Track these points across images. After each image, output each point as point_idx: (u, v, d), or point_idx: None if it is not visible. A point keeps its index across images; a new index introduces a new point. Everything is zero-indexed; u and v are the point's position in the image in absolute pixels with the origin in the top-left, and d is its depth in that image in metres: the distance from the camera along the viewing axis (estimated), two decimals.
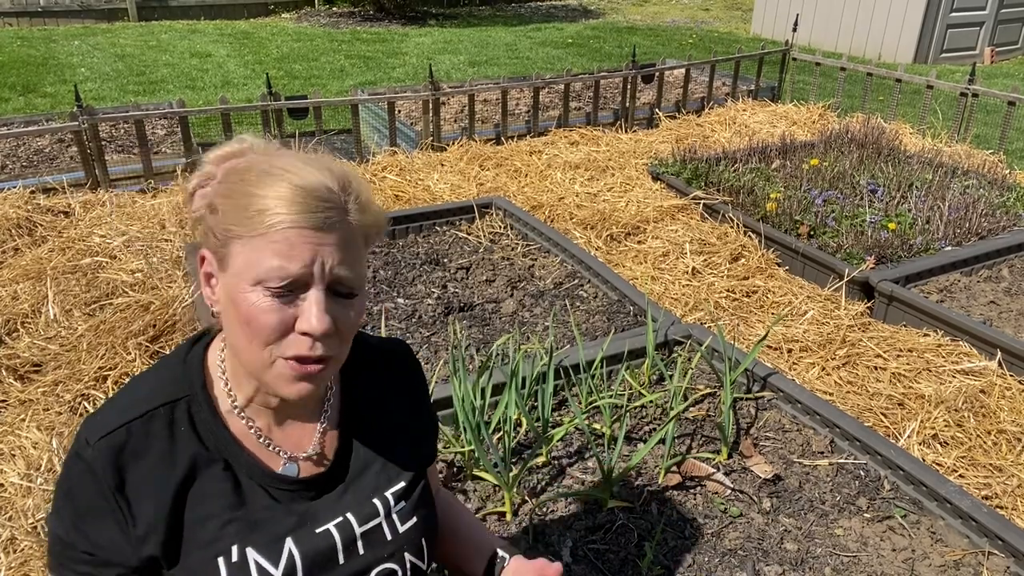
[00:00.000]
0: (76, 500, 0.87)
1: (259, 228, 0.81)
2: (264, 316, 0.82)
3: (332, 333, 0.84)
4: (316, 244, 0.81)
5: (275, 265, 0.80)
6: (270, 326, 0.82)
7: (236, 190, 0.83)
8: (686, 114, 5.71)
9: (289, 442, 0.96)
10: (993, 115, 6.59)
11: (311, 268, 0.81)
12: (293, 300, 0.83)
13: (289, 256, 0.80)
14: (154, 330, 2.67)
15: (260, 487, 0.93)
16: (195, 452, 0.90)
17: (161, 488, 0.88)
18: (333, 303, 0.85)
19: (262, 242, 0.81)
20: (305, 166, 0.84)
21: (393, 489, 1.01)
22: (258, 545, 0.90)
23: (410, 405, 1.09)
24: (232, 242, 0.83)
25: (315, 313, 0.82)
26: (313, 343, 0.83)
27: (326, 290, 0.84)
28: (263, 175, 0.83)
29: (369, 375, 1.06)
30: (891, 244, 3.33)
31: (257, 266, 0.81)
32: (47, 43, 8.95)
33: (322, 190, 0.82)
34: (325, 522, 0.95)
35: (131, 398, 0.92)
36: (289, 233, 0.80)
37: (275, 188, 0.81)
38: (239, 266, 0.83)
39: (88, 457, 0.86)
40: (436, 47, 9.48)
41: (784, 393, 2.24)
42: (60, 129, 4.02)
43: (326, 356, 0.85)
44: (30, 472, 2.09)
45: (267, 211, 0.80)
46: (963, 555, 1.73)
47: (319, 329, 0.82)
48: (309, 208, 0.81)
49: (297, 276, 0.81)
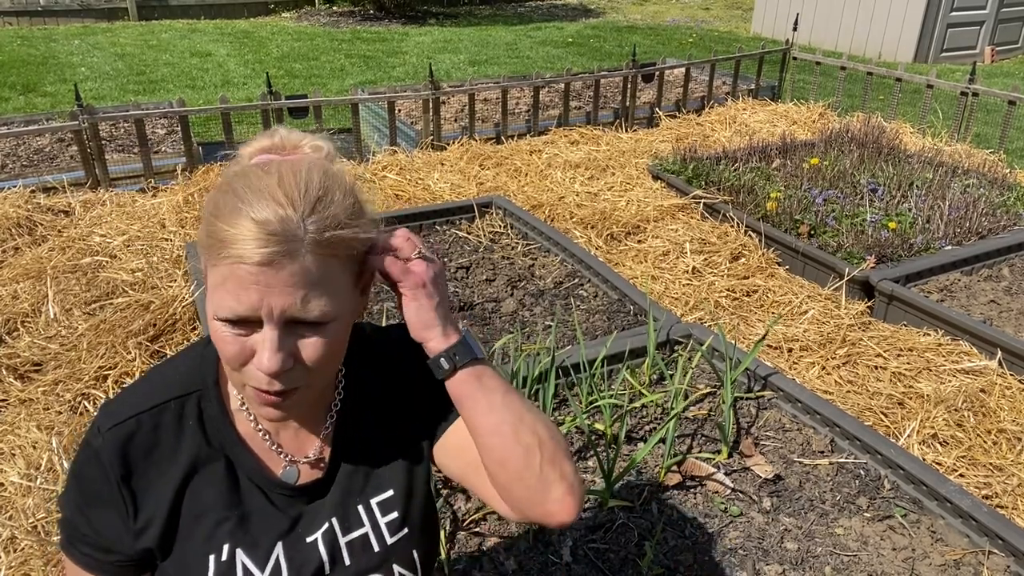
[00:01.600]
0: (83, 485, 0.89)
1: (214, 257, 0.79)
2: (225, 346, 0.81)
3: (291, 367, 0.82)
4: (264, 284, 0.77)
5: (226, 303, 0.79)
6: (230, 355, 0.81)
7: (214, 211, 0.80)
8: (686, 113, 5.71)
9: (293, 445, 0.96)
10: (993, 114, 6.59)
11: (257, 311, 0.78)
12: (250, 333, 0.81)
13: (236, 296, 0.78)
14: (154, 329, 2.67)
15: (258, 488, 0.93)
16: (199, 447, 0.90)
17: (164, 481, 0.89)
18: (294, 337, 0.81)
19: (219, 274, 0.79)
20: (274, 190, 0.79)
21: (379, 498, 0.97)
22: (248, 547, 0.90)
23: (408, 393, 1.01)
24: (207, 266, 0.82)
25: (266, 355, 0.79)
26: (270, 380, 0.81)
27: (283, 325, 0.80)
28: (230, 198, 0.79)
29: (371, 374, 1.01)
30: (891, 243, 3.33)
31: (214, 298, 0.80)
32: (47, 42, 8.95)
33: (277, 223, 0.77)
34: (315, 530, 0.94)
35: (146, 389, 0.93)
36: (236, 269, 0.77)
37: (231, 220, 0.77)
38: (209, 291, 0.82)
39: (97, 445, 0.88)
40: (436, 46, 9.48)
41: (784, 392, 2.24)
42: (60, 128, 4.01)
43: (288, 389, 0.83)
44: (30, 471, 2.09)
45: (221, 242, 0.77)
46: (963, 554, 1.73)
47: (269, 368, 0.80)
48: (263, 244, 0.76)
49: (245, 316, 0.79)
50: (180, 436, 0.90)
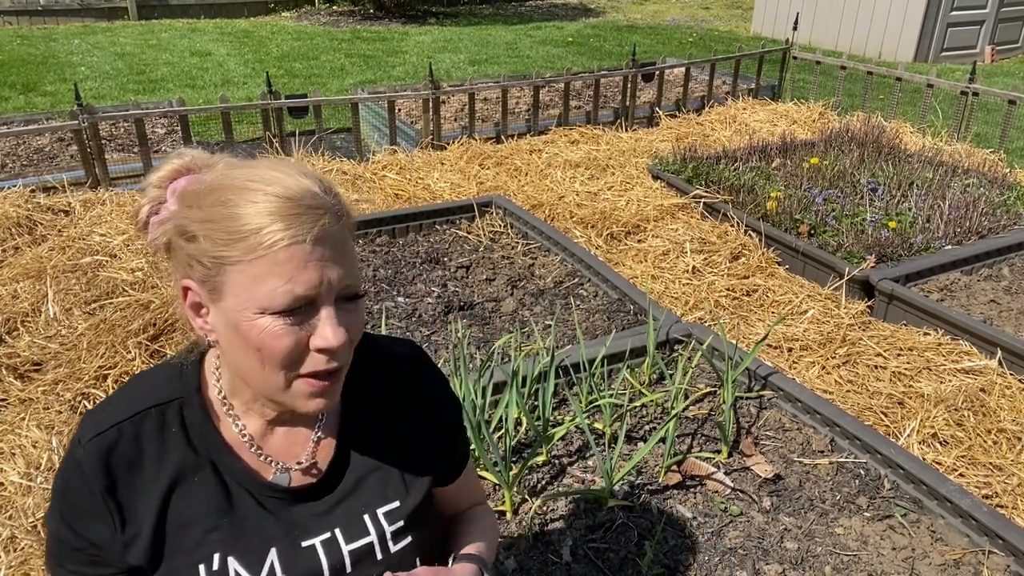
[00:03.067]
0: (68, 499, 0.87)
1: (257, 250, 0.76)
2: (278, 341, 0.79)
3: (347, 343, 0.83)
4: (319, 260, 0.77)
5: (281, 289, 0.76)
6: (285, 350, 0.79)
7: (218, 213, 0.78)
8: (686, 113, 5.70)
9: (282, 451, 0.94)
10: (993, 114, 6.58)
11: (319, 287, 0.78)
12: (304, 319, 0.80)
13: (294, 278, 0.76)
14: (154, 329, 2.67)
15: (248, 494, 0.91)
16: (183, 455, 0.89)
17: (149, 491, 0.87)
18: (342, 313, 0.83)
19: (262, 265, 0.76)
20: (283, 174, 0.79)
21: (387, 508, 0.96)
22: (240, 554, 0.89)
23: (420, 417, 1.03)
24: (226, 269, 0.78)
25: (331, 330, 0.80)
26: (329, 358, 0.82)
27: (336, 302, 0.81)
28: (242, 191, 0.77)
29: (373, 384, 1.01)
30: (891, 243, 3.33)
31: (261, 292, 0.77)
32: (47, 42, 8.95)
33: (309, 196, 0.78)
34: (312, 536, 0.92)
35: (125, 398, 0.91)
36: (292, 251, 0.76)
37: (263, 204, 0.76)
38: (239, 293, 0.78)
39: (79, 457, 0.86)
40: (436, 46, 9.47)
41: (784, 392, 2.24)
42: (60, 128, 4.01)
43: (343, 366, 0.85)
44: (30, 471, 2.09)
45: (262, 231, 0.76)
46: (963, 554, 1.73)
47: (336, 344, 0.80)
48: (305, 219, 0.76)
49: (306, 296, 0.78)
50: (163, 444, 0.88)
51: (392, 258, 3.26)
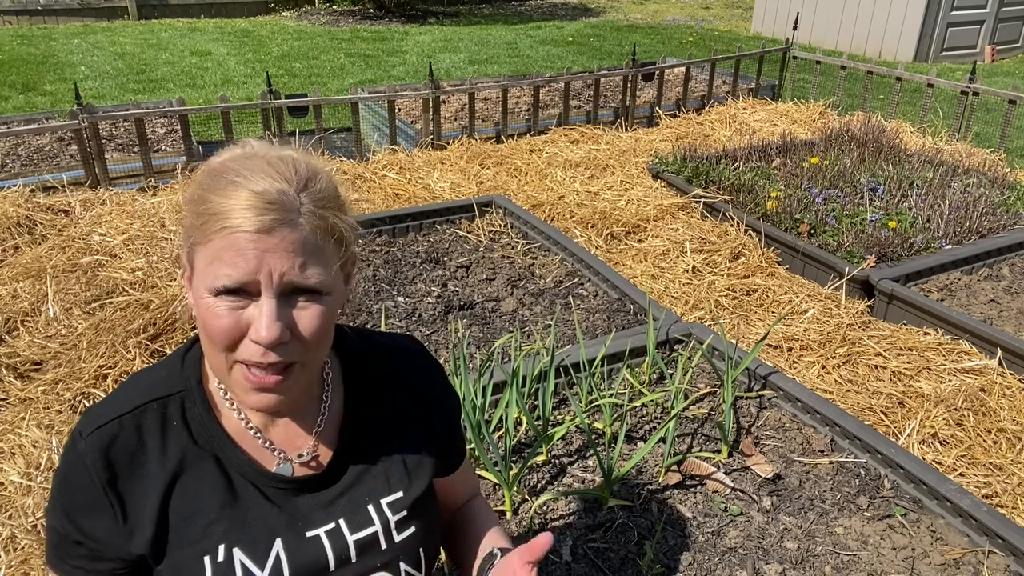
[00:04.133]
0: (70, 492, 0.87)
1: (208, 233, 0.80)
2: (217, 321, 0.81)
3: (287, 340, 0.82)
4: (262, 249, 0.79)
5: (222, 272, 0.79)
6: (222, 331, 0.81)
7: (196, 196, 0.83)
8: (686, 112, 5.70)
9: (284, 442, 0.95)
10: (994, 113, 6.58)
11: (257, 275, 0.80)
12: (246, 305, 0.81)
13: (234, 263, 0.79)
14: (154, 328, 2.67)
15: (252, 485, 0.92)
16: (185, 447, 0.89)
17: (151, 483, 0.88)
18: (290, 308, 0.83)
19: (212, 248, 0.80)
20: (263, 169, 0.82)
21: (390, 498, 0.98)
22: (245, 545, 0.89)
23: (420, 409, 1.05)
24: (195, 248, 0.83)
25: (264, 322, 0.80)
26: (265, 351, 0.82)
27: (280, 296, 0.81)
28: (219, 180, 0.81)
29: (374, 377, 1.02)
30: (891, 243, 3.33)
31: (210, 272, 0.80)
32: (47, 41, 8.94)
33: (274, 193, 0.80)
34: (316, 526, 0.93)
35: (127, 393, 0.92)
36: (235, 238, 0.79)
37: (226, 193, 0.80)
38: (200, 272, 0.82)
39: (80, 450, 0.86)
40: (436, 45, 9.47)
41: (784, 392, 2.24)
42: (60, 127, 4.01)
43: (285, 363, 0.83)
44: (30, 471, 2.09)
45: (215, 215, 0.79)
46: (963, 554, 1.73)
47: (267, 338, 0.80)
48: (255, 212, 0.79)
49: (244, 282, 0.80)
50: (165, 437, 0.89)
51: (392, 258, 3.26)
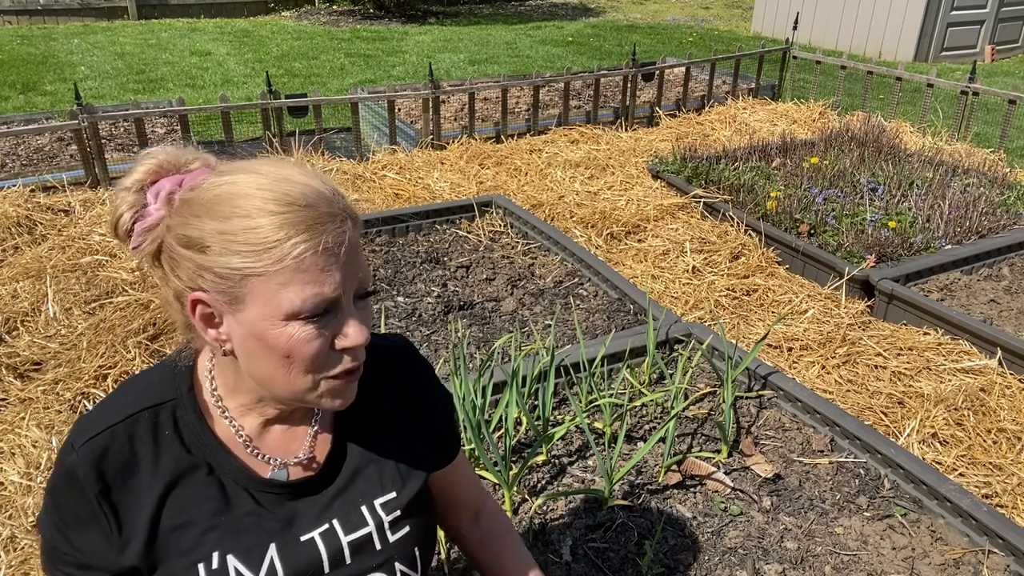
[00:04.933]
0: (60, 504, 0.87)
1: (285, 260, 0.77)
2: (307, 346, 0.81)
3: (368, 340, 0.86)
4: (341, 262, 0.80)
5: (309, 294, 0.79)
6: (314, 354, 0.82)
7: (235, 224, 0.77)
8: (686, 112, 5.70)
9: (279, 448, 0.94)
10: (994, 113, 6.58)
11: (342, 288, 0.81)
12: (329, 322, 0.83)
13: (320, 282, 0.79)
14: (154, 328, 2.67)
15: (245, 492, 0.91)
16: (178, 456, 0.89)
17: (144, 493, 0.87)
18: (360, 311, 0.86)
19: (287, 273, 0.78)
20: (291, 179, 0.80)
21: (383, 499, 0.98)
22: (239, 552, 0.89)
23: (413, 407, 1.05)
24: (248, 280, 0.78)
25: (355, 329, 0.83)
26: (354, 357, 0.85)
27: (354, 301, 0.85)
28: (255, 200, 0.78)
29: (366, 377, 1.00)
30: (891, 243, 3.33)
31: (288, 298, 0.78)
32: (47, 41, 8.94)
33: (324, 203, 0.79)
34: (310, 529, 0.93)
35: (118, 402, 0.91)
36: (318, 259, 0.78)
37: (279, 212, 0.77)
38: (264, 303, 0.79)
39: (71, 462, 0.85)
40: (436, 45, 9.47)
41: (784, 392, 2.24)
42: (60, 127, 4.01)
43: (361, 363, 0.87)
44: (30, 471, 2.09)
45: (286, 241, 0.77)
46: (963, 554, 1.73)
47: (362, 341, 0.84)
48: (325, 229, 0.78)
49: (333, 299, 0.81)
50: (157, 446, 0.88)
51: (392, 258, 3.26)
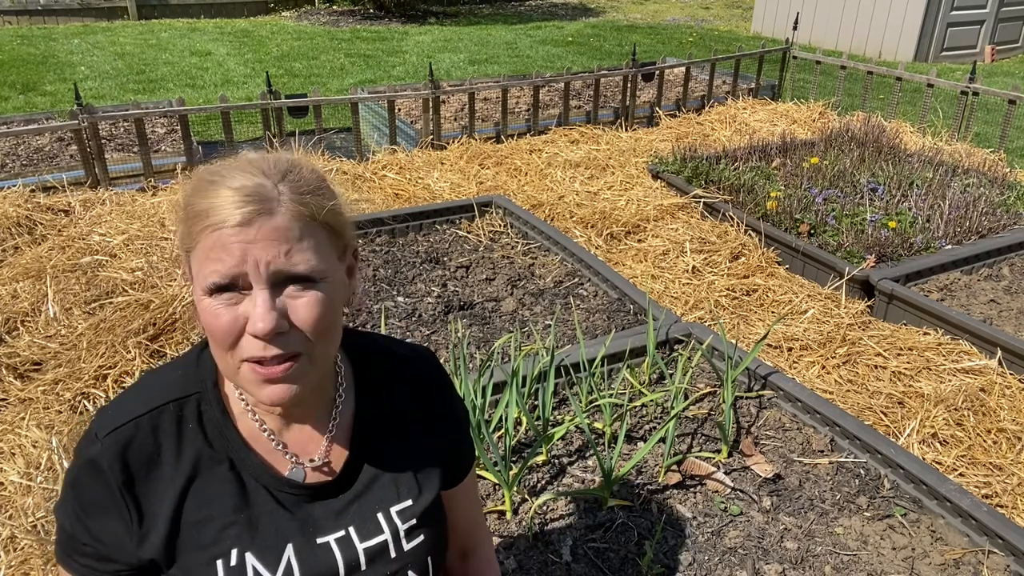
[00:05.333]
0: (81, 493, 0.87)
1: (195, 235, 0.81)
2: (215, 321, 0.81)
3: (285, 330, 0.82)
4: (245, 242, 0.79)
5: (211, 269, 0.80)
6: (222, 329, 0.81)
7: (182, 202, 0.84)
8: (686, 112, 5.70)
9: (297, 448, 0.95)
10: (994, 113, 6.58)
11: (243, 267, 0.79)
12: (240, 300, 0.81)
13: (220, 258, 0.79)
14: (154, 328, 2.67)
15: (265, 490, 0.92)
16: (200, 450, 0.89)
17: (166, 486, 0.87)
18: (286, 297, 0.82)
19: (201, 249, 0.81)
20: (242, 167, 0.83)
21: (399, 507, 0.98)
22: (258, 550, 0.89)
23: (430, 420, 1.05)
24: (189, 254, 0.84)
25: (258, 312, 0.80)
26: (265, 344, 0.81)
27: (272, 286, 0.81)
28: (204, 184, 0.83)
29: (386, 385, 1.02)
30: (891, 243, 3.33)
31: (201, 272, 0.81)
32: (47, 41, 8.94)
33: (248, 186, 0.81)
34: (327, 533, 0.93)
35: (142, 393, 0.91)
36: (219, 235, 0.79)
37: (207, 193, 0.81)
38: (195, 275, 0.83)
39: (95, 452, 0.86)
40: (436, 45, 9.47)
41: (784, 392, 2.24)
42: (60, 127, 4.01)
43: (288, 354, 0.82)
44: (30, 471, 2.09)
45: (198, 216, 0.81)
46: (963, 554, 1.73)
47: (263, 329, 0.79)
48: (234, 206, 0.79)
49: (232, 276, 0.80)
50: (181, 439, 0.89)
51: (392, 258, 3.26)
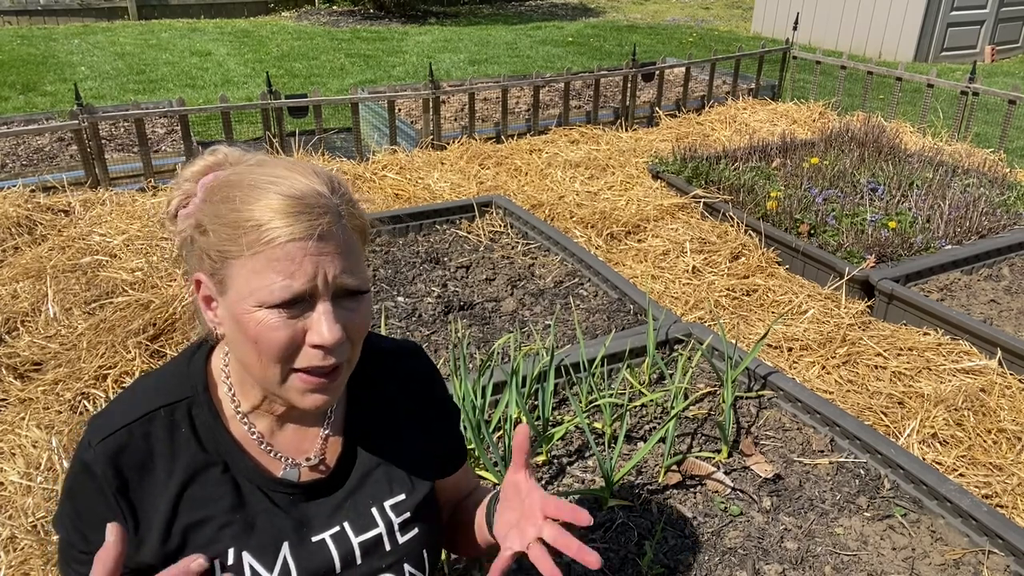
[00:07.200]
0: (76, 501, 0.88)
1: (256, 246, 0.78)
2: (273, 334, 0.80)
3: (343, 340, 0.83)
4: (317, 255, 0.79)
5: (279, 284, 0.78)
6: (281, 344, 0.81)
7: (226, 208, 0.80)
8: (686, 112, 5.70)
9: (291, 447, 0.95)
10: (994, 113, 6.58)
11: (315, 281, 0.79)
12: (300, 313, 0.81)
13: (291, 272, 0.78)
14: (154, 329, 2.67)
15: (259, 490, 0.92)
16: (193, 454, 0.90)
17: (160, 491, 0.88)
18: (341, 310, 0.83)
19: (261, 260, 0.78)
20: (291, 173, 0.81)
21: (393, 500, 0.99)
22: (254, 549, 0.90)
23: (422, 415, 1.06)
24: (229, 263, 0.81)
25: (326, 326, 0.80)
26: (325, 354, 0.82)
27: (333, 299, 0.82)
28: (251, 189, 0.80)
29: (377, 381, 1.03)
30: (891, 243, 3.33)
31: (260, 286, 0.79)
32: (47, 42, 8.94)
33: (313, 196, 0.80)
34: (322, 530, 0.94)
35: (134, 399, 0.91)
36: (289, 248, 0.78)
37: (266, 201, 0.78)
38: (240, 287, 0.80)
39: (89, 459, 0.86)
40: (436, 45, 9.47)
41: (784, 392, 2.24)
42: (60, 128, 4.01)
43: (339, 363, 0.84)
44: (30, 471, 2.09)
45: (262, 227, 0.78)
46: (963, 554, 1.73)
47: (331, 341, 0.80)
48: (305, 218, 0.78)
49: (302, 291, 0.79)
50: (173, 444, 0.89)
51: (392, 258, 3.26)
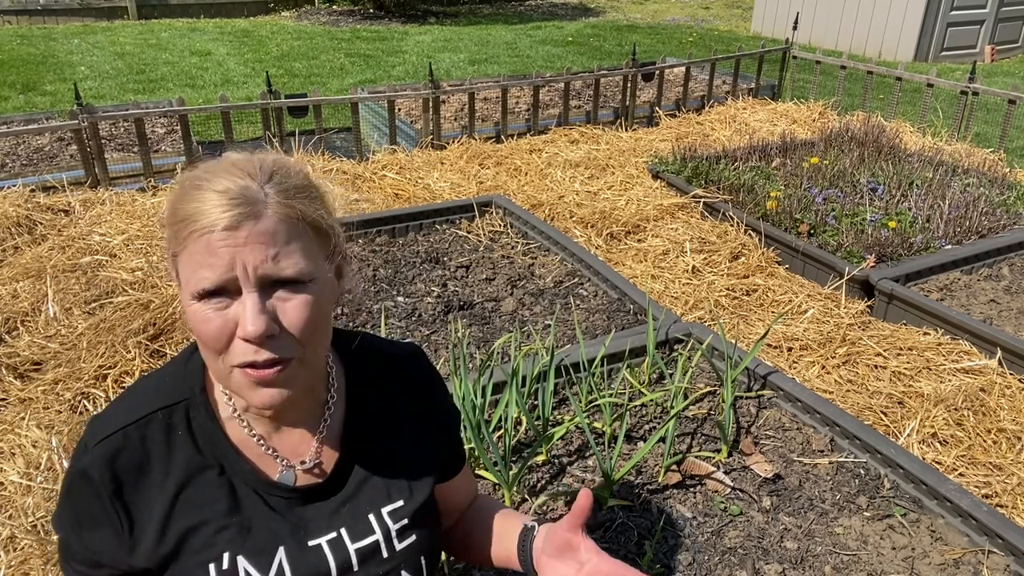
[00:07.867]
0: (74, 504, 0.88)
1: (182, 240, 0.80)
2: (204, 326, 0.80)
3: (276, 333, 0.81)
4: (232, 245, 0.78)
5: (200, 275, 0.79)
6: (212, 335, 0.80)
7: (172, 207, 0.83)
8: (686, 112, 5.70)
9: (287, 451, 0.95)
10: (993, 113, 6.58)
11: (234, 272, 0.79)
12: (228, 304, 0.80)
13: (208, 264, 0.78)
14: (154, 328, 2.67)
15: (256, 494, 0.92)
16: (190, 457, 0.89)
17: (156, 494, 0.88)
18: (275, 300, 0.81)
19: (188, 254, 0.80)
20: (226, 170, 0.82)
21: (391, 507, 0.98)
22: (249, 553, 0.90)
23: (422, 419, 1.05)
24: (178, 259, 0.83)
25: (248, 317, 0.79)
26: (257, 348, 0.80)
27: (260, 290, 0.80)
28: (192, 188, 0.81)
29: (377, 384, 1.02)
30: (891, 243, 3.33)
31: (188, 277, 0.80)
32: (47, 41, 8.94)
33: (237, 189, 0.80)
34: (318, 535, 0.93)
35: (131, 401, 0.91)
36: (206, 239, 0.78)
37: (192, 198, 0.80)
38: (184, 281, 0.82)
39: (86, 462, 0.87)
40: (436, 45, 9.47)
41: (784, 392, 2.24)
42: (60, 127, 4.01)
43: (280, 359, 0.82)
44: (30, 471, 2.09)
45: (185, 221, 0.80)
46: (963, 554, 1.73)
47: (253, 333, 0.79)
48: (224, 209, 0.78)
49: (222, 281, 0.79)
50: (170, 447, 0.89)
51: (392, 258, 3.26)
